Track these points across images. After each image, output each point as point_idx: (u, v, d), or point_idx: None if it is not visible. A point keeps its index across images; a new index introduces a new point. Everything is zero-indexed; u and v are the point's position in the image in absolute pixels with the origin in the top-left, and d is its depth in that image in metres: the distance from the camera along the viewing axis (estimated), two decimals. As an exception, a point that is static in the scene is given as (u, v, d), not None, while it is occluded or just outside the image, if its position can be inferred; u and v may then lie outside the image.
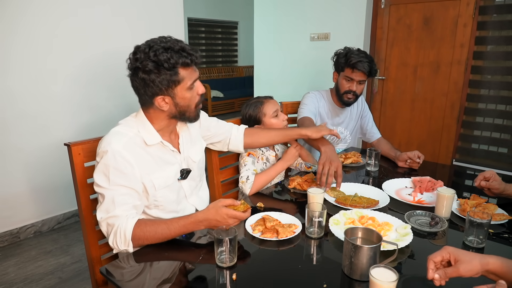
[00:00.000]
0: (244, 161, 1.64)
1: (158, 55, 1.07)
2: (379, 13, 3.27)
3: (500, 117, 2.87)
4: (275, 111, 1.70)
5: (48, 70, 2.49)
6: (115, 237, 1.07)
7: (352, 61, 1.89)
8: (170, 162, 1.25)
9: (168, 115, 1.19)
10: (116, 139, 1.12)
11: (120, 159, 1.09)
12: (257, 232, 1.14)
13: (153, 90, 1.12)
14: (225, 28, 8.10)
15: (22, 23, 2.33)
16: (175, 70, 1.10)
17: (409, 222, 1.20)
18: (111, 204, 1.09)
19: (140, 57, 1.09)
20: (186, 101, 1.17)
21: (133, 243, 1.07)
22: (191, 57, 1.11)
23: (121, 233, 1.06)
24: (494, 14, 2.83)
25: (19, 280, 2.07)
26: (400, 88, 3.30)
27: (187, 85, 1.15)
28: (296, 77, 3.76)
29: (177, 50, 1.10)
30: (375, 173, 1.77)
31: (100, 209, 1.12)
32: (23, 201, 2.51)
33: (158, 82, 1.10)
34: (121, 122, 1.21)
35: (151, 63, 1.08)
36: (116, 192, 1.10)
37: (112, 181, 1.09)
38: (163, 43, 1.10)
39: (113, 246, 1.10)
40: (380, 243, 0.91)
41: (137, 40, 1.24)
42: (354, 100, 2.03)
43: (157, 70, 1.08)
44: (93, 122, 2.77)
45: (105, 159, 1.09)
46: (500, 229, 1.20)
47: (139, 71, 1.10)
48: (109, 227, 1.10)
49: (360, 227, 1.00)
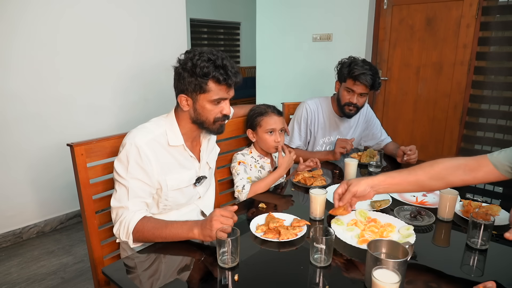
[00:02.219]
0: (236, 170, 1.63)
1: (200, 61, 1.16)
2: (381, 13, 3.27)
3: (503, 118, 2.86)
4: (271, 129, 1.66)
5: (51, 71, 2.50)
6: (120, 227, 1.15)
7: (355, 73, 1.81)
8: (187, 167, 1.31)
9: (190, 118, 1.26)
10: (141, 135, 1.19)
11: (141, 154, 1.16)
12: (259, 232, 1.14)
13: (181, 87, 1.21)
14: (227, 29, 8.10)
15: (24, 22, 2.33)
16: (205, 79, 1.17)
17: (398, 216, 1.25)
18: (125, 195, 1.16)
19: (188, 55, 1.19)
20: (205, 111, 1.23)
21: (133, 237, 1.13)
22: (225, 76, 1.17)
23: (125, 225, 1.14)
24: (497, 15, 2.82)
25: (22, 280, 2.08)
26: (402, 89, 3.30)
27: (211, 98, 1.20)
28: (298, 78, 3.76)
29: (217, 65, 1.16)
30: (377, 173, 1.76)
31: (114, 197, 1.20)
32: (26, 201, 2.52)
33: (187, 82, 1.18)
34: (153, 120, 1.28)
35: (191, 64, 1.17)
36: (132, 184, 1.16)
37: (130, 173, 1.16)
38: (211, 55, 1.17)
39: (116, 235, 1.18)
40: (407, 258, 0.85)
41: (140, 40, 1.25)
42: (355, 112, 1.96)
43: (191, 71, 1.17)
44: (96, 122, 2.77)
45: (127, 151, 1.16)
46: (503, 230, 1.20)
47: (180, 66, 1.20)
48: (117, 216, 1.18)
49: (385, 240, 0.95)
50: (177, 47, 3.21)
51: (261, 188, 1.57)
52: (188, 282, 0.95)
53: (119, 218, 1.16)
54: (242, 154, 1.73)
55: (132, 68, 2.92)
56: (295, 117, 2.09)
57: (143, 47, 2.96)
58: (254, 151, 1.76)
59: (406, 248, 0.89)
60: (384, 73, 3.35)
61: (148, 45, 2.98)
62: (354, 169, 1.64)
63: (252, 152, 1.76)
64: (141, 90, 3.02)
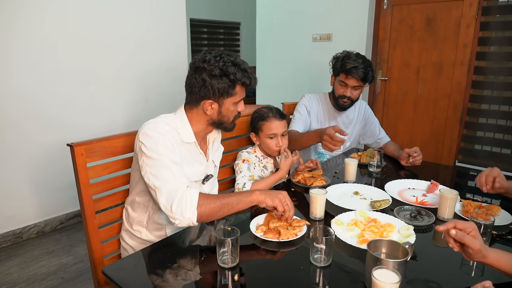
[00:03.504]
0: (240, 168, 1.64)
1: (227, 67, 1.18)
2: (381, 13, 3.27)
3: (503, 118, 2.86)
4: (272, 134, 1.67)
5: (51, 70, 2.50)
6: (180, 204, 1.08)
7: (347, 67, 1.86)
8: (199, 162, 1.34)
9: (208, 121, 1.29)
10: (161, 126, 1.20)
11: (166, 140, 1.17)
12: (259, 232, 1.14)
13: (207, 93, 1.21)
14: (227, 29, 8.09)
15: (24, 22, 2.33)
16: (234, 84, 1.21)
17: (398, 216, 1.24)
18: (169, 174, 1.12)
19: (210, 61, 1.18)
20: (228, 113, 1.28)
21: (198, 212, 1.08)
22: (250, 80, 1.24)
23: (187, 200, 1.08)
24: (498, 15, 2.82)
25: (22, 280, 2.08)
26: (402, 89, 3.29)
27: (236, 100, 1.26)
28: (298, 78, 3.76)
29: (242, 69, 1.22)
30: (377, 173, 1.77)
31: (157, 178, 1.12)
32: (26, 201, 2.52)
33: (216, 88, 1.20)
34: (162, 116, 1.28)
35: (219, 70, 1.18)
36: (170, 165, 1.14)
37: (164, 155, 1.14)
38: (232, 58, 1.21)
39: (175, 215, 1.08)
40: (407, 258, 0.86)
41: (140, 41, 1.26)
42: (350, 105, 2.01)
43: (220, 78, 1.18)
44: (96, 122, 2.77)
45: (152, 138, 1.16)
46: (503, 230, 1.20)
47: (203, 72, 1.19)
48: (169, 195, 1.10)
49: (385, 240, 0.95)
50: (177, 47, 3.21)
51: (261, 188, 1.57)
52: (188, 282, 0.95)
53: (173, 197, 1.09)
54: (247, 152, 1.74)
55: (132, 68, 2.92)
56: (296, 108, 2.11)
57: (143, 47, 2.96)
58: (258, 151, 1.77)
59: (406, 248, 0.89)
60: (384, 73, 3.35)
61: (148, 45, 2.98)
62: (354, 169, 1.64)
63: (256, 152, 1.77)
64: (141, 90, 3.02)
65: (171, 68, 3.19)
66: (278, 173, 1.64)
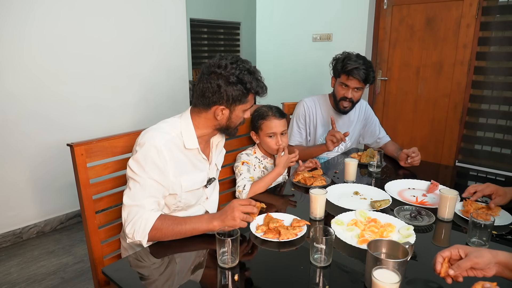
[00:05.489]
0: (239, 170, 1.64)
1: (244, 75, 1.18)
2: (381, 13, 3.27)
3: (503, 118, 2.86)
4: (271, 133, 1.67)
5: (51, 71, 2.50)
6: (135, 226, 1.10)
7: (348, 68, 1.85)
8: (200, 168, 1.32)
9: (215, 125, 1.28)
10: (160, 135, 1.18)
11: (159, 156, 1.16)
12: (259, 232, 1.14)
13: (220, 99, 1.20)
14: (227, 29, 8.08)
15: (24, 23, 2.33)
16: (248, 92, 1.22)
17: (398, 216, 1.24)
18: (141, 193, 1.14)
19: (227, 67, 1.17)
20: (237, 119, 1.28)
21: (149, 236, 1.10)
22: (262, 89, 1.25)
23: (141, 224, 1.10)
24: (497, 15, 2.82)
25: (22, 280, 2.08)
26: (402, 89, 3.30)
27: (246, 108, 1.28)
28: (298, 77, 3.76)
29: (256, 77, 1.22)
30: (377, 173, 1.77)
31: (128, 194, 1.15)
32: (26, 201, 2.52)
33: (230, 94, 1.19)
34: (167, 121, 1.27)
35: (236, 77, 1.17)
36: (148, 183, 1.15)
37: (147, 172, 1.14)
38: (247, 66, 1.21)
39: (128, 235, 1.12)
40: (407, 258, 0.86)
41: (139, 42, 1.25)
42: (350, 108, 2.00)
43: (235, 85, 1.18)
44: (96, 122, 2.77)
45: (146, 151, 1.15)
46: (503, 230, 1.20)
47: (220, 78, 1.17)
48: (130, 215, 1.13)
49: (385, 240, 0.95)
50: (177, 47, 3.21)
51: (261, 188, 1.57)
52: (188, 282, 0.95)
53: (132, 217, 1.12)
54: (246, 154, 1.74)
55: (132, 68, 2.92)
56: (294, 116, 2.12)
57: (143, 47, 2.95)
58: (258, 152, 1.77)
59: (406, 248, 0.89)
60: (384, 73, 3.35)
61: (148, 45, 2.98)
62: (354, 169, 1.64)
63: (256, 153, 1.77)
64: (141, 90, 3.02)
65: (171, 68, 3.18)
66: (275, 170, 1.64)
